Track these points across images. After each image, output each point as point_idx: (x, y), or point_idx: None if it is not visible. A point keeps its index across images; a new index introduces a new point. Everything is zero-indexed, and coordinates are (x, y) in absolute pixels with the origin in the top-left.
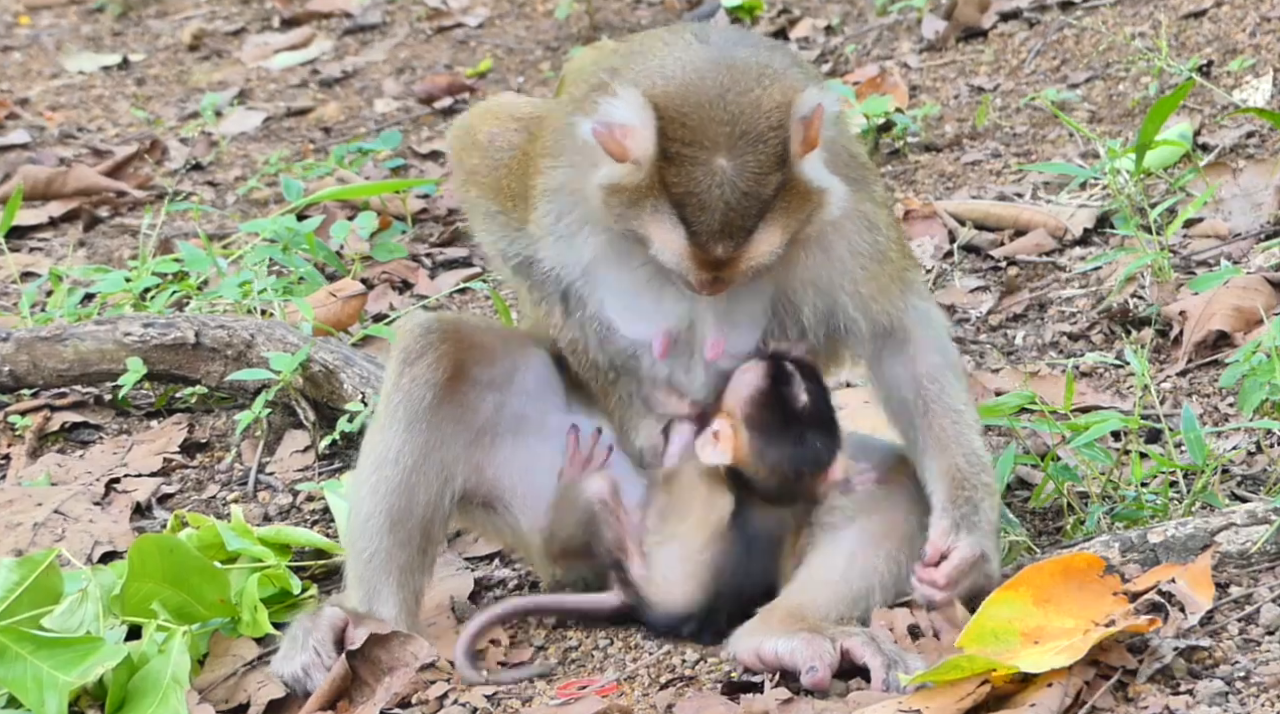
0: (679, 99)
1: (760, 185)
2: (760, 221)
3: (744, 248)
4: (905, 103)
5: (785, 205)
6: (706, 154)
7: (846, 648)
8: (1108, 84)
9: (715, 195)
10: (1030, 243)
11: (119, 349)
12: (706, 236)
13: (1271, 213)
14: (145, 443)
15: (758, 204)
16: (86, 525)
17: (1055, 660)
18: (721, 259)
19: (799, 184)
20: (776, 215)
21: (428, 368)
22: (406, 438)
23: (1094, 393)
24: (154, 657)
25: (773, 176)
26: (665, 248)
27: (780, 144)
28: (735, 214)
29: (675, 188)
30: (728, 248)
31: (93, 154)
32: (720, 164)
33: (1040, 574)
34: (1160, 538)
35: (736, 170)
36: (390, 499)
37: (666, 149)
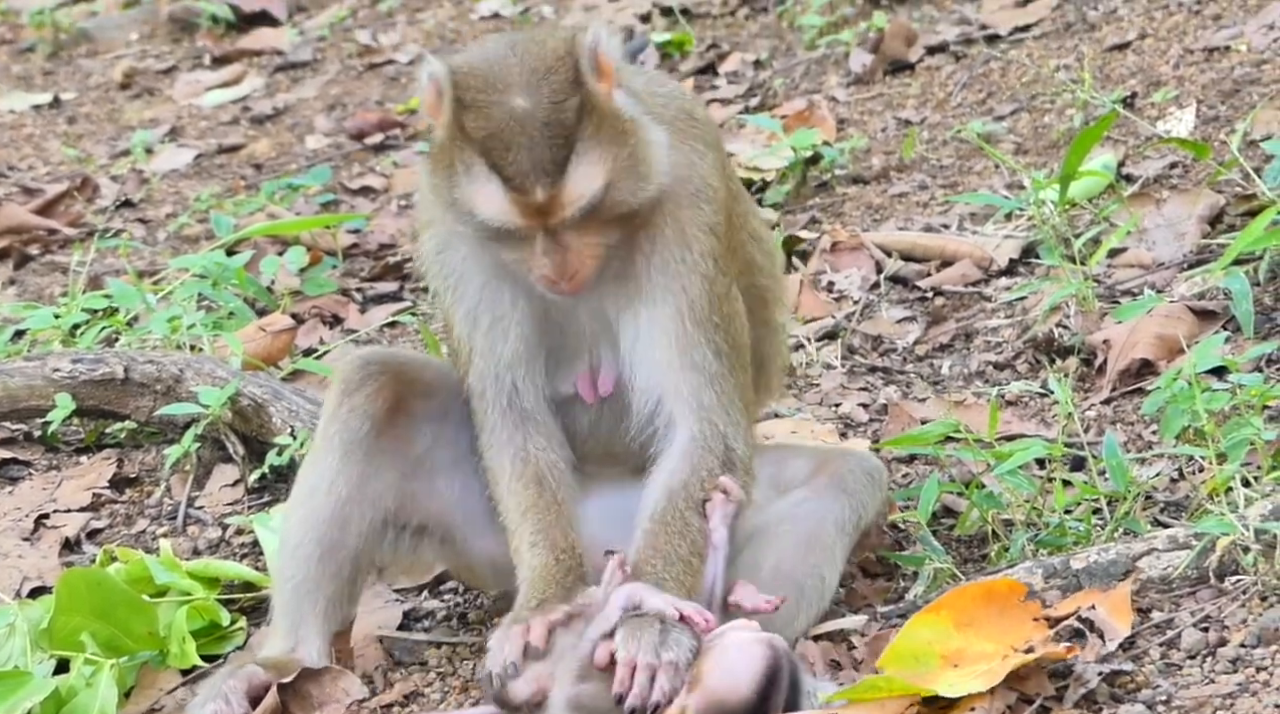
0: (471, 59)
1: (559, 112)
2: (571, 153)
3: (561, 184)
4: (833, 136)
5: (594, 134)
6: (500, 94)
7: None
8: (1033, 116)
9: (516, 130)
10: (956, 273)
11: (48, 385)
12: (520, 178)
13: (1194, 242)
14: (74, 478)
15: (562, 132)
16: (15, 561)
17: (973, 685)
18: (543, 203)
19: (603, 110)
20: (588, 146)
21: (366, 399)
22: (340, 468)
23: (1019, 421)
24: (82, 690)
25: (570, 101)
26: (485, 203)
27: (571, 70)
28: (541, 147)
29: (476, 133)
30: (545, 186)
31: (23, 192)
32: (516, 102)
33: (962, 598)
34: (1083, 564)
35: (533, 103)
36: (321, 529)
37: (463, 98)
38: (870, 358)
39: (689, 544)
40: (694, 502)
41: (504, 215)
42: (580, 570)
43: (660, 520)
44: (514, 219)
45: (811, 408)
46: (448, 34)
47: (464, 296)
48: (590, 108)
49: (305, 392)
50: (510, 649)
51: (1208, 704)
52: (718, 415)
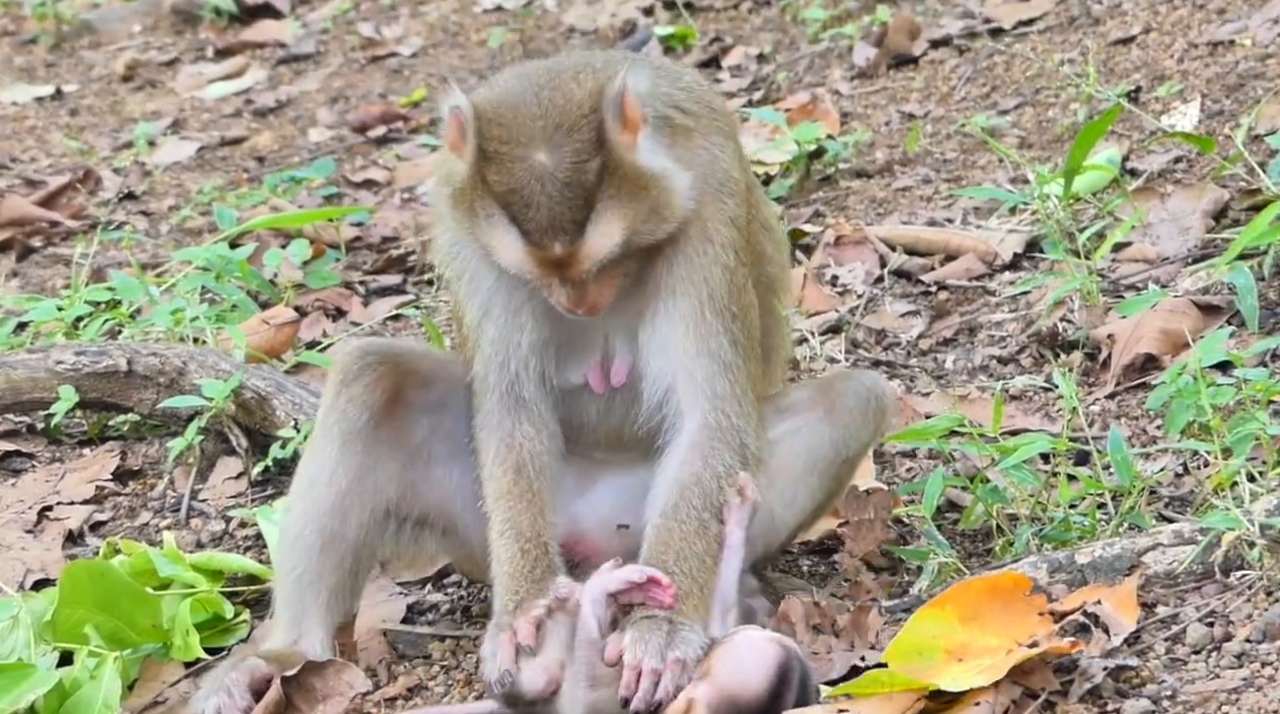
0: (496, 102)
1: (580, 173)
2: (590, 212)
3: (580, 243)
4: (837, 129)
5: (615, 193)
6: (523, 150)
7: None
8: (1037, 110)
9: (536, 189)
10: (960, 267)
11: (51, 378)
12: (539, 234)
13: (1199, 237)
14: (78, 471)
15: (582, 193)
16: (19, 553)
17: (976, 679)
18: (560, 258)
19: (626, 169)
20: (608, 204)
21: (364, 390)
22: (340, 459)
23: (1023, 416)
24: (85, 683)
25: (591, 163)
26: (504, 252)
27: (594, 130)
28: (561, 207)
29: (498, 187)
30: (563, 244)
31: (26, 184)
32: (538, 158)
33: (967, 592)
34: (1088, 558)
35: (554, 162)
36: (321, 520)
37: (485, 148)
38: (874, 352)
39: (703, 541)
40: (707, 496)
41: (522, 266)
42: (548, 560)
43: (672, 516)
44: (532, 270)
45: None
46: (450, 27)
47: (477, 290)
48: (613, 167)
49: (308, 384)
50: (503, 657)
51: (1213, 699)
52: (730, 406)
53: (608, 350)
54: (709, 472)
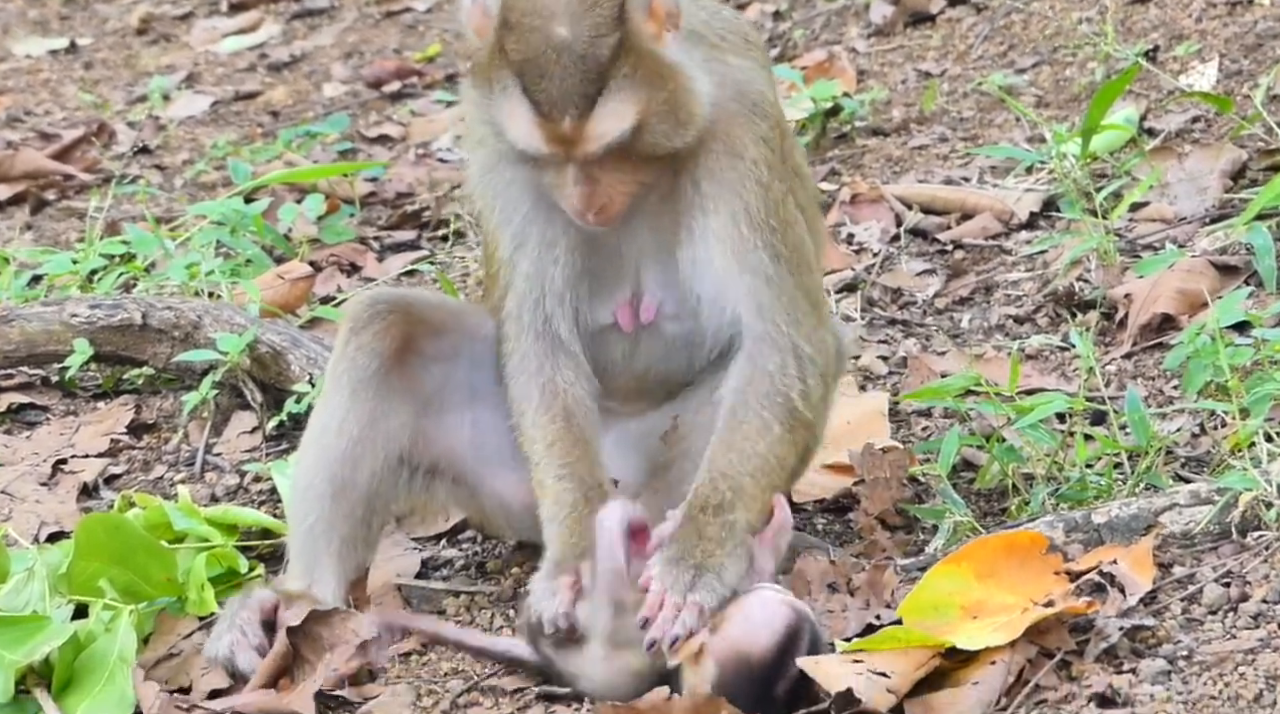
0: None
1: (594, 48)
2: (602, 89)
3: (589, 118)
4: (853, 87)
5: (630, 74)
6: (543, 21)
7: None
8: (1054, 69)
9: (550, 59)
10: (977, 226)
11: (66, 330)
12: (549, 106)
13: (1217, 196)
14: (92, 424)
15: (595, 68)
16: (33, 505)
17: (992, 638)
18: (568, 134)
19: (644, 53)
20: (622, 84)
21: (374, 337)
22: (350, 407)
23: (1039, 375)
24: (100, 635)
25: (608, 39)
26: (515, 126)
27: (616, 8)
28: (573, 79)
29: (514, 55)
30: (572, 117)
31: (40, 137)
32: (556, 29)
33: (983, 549)
34: (1104, 518)
35: (571, 34)
36: (332, 468)
37: (508, 18)
38: (890, 310)
39: (765, 441)
40: (763, 395)
41: (531, 140)
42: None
43: (732, 415)
44: (540, 145)
45: None
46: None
47: (511, 218)
48: (629, 47)
49: (323, 339)
50: (562, 600)
51: (1229, 660)
52: (780, 316)
53: (638, 286)
54: (760, 371)
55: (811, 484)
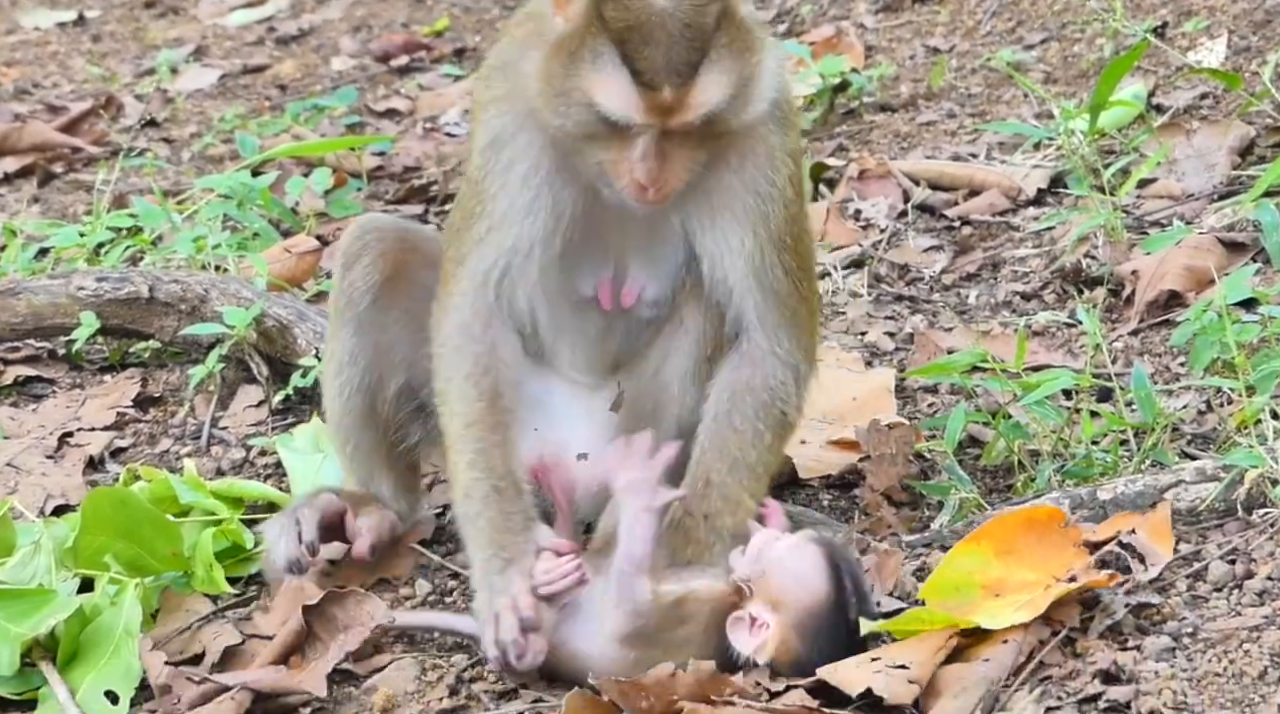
0: None
1: (700, 15)
2: (704, 57)
3: (691, 86)
4: (861, 63)
5: (728, 44)
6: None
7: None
8: (1063, 45)
9: (656, 24)
10: (984, 203)
11: (72, 303)
12: (651, 73)
13: (1224, 173)
14: (98, 397)
15: (700, 36)
16: (39, 479)
17: (1015, 616)
18: (669, 102)
19: (740, 25)
20: (722, 54)
21: (364, 271)
22: (356, 340)
23: (1046, 352)
24: (106, 609)
25: (712, 5)
26: (610, 93)
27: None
28: (679, 46)
29: (616, 23)
30: (674, 84)
31: (48, 110)
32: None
33: (1002, 526)
34: (1110, 495)
35: (674, 2)
36: (356, 398)
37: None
38: (897, 286)
39: (756, 450)
40: (762, 405)
41: (627, 108)
42: (524, 504)
43: (726, 422)
44: (636, 114)
45: (838, 336)
46: None
47: (512, 184)
48: (728, 17)
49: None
50: (506, 629)
51: (1234, 637)
52: (784, 332)
53: (622, 269)
54: (761, 381)
55: (818, 460)
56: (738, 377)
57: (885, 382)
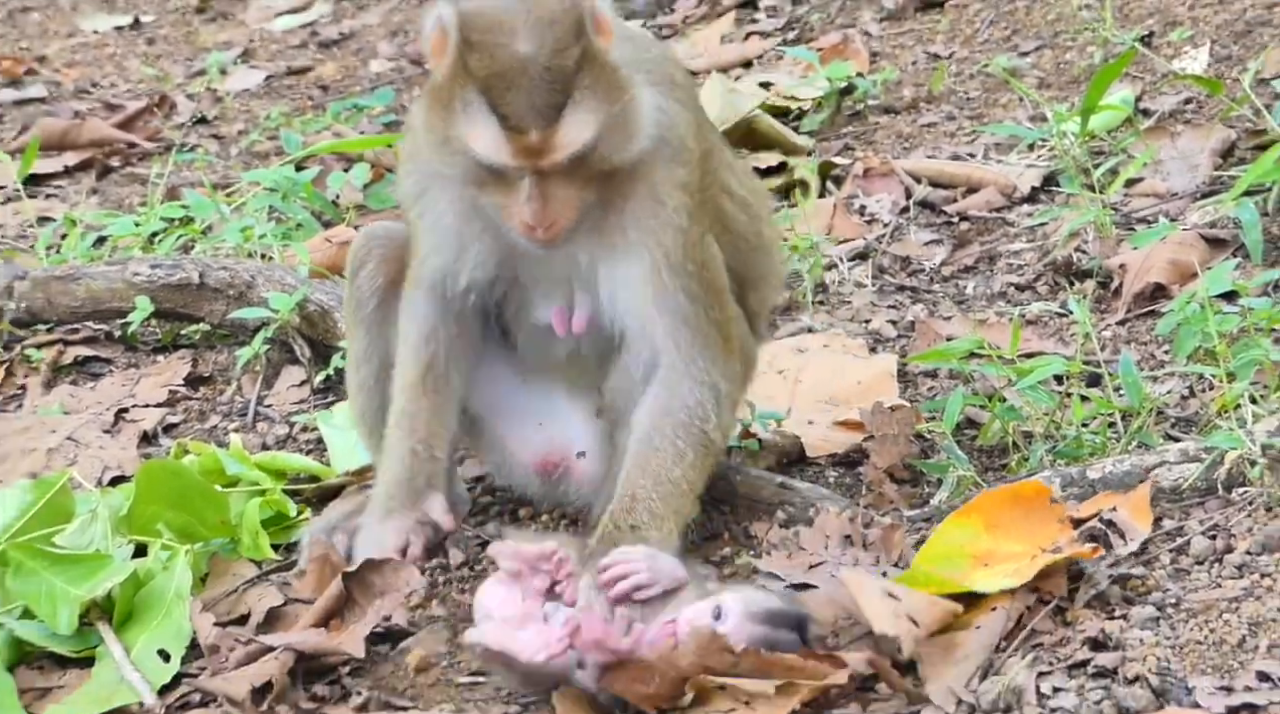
0: (480, 5)
1: (561, 59)
2: (568, 99)
3: (556, 128)
4: (866, 68)
5: (591, 85)
6: (506, 38)
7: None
8: (1056, 53)
9: (518, 72)
10: (981, 199)
11: (128, 288)
12: (517, 118)
13: (1207, 173)
14: (152, 376)
15: (562, 78)
16: (97, 451)
17: (1005, 582)
18: (536, 144)
19: (602, 64)
20: (585, 95)
21: (368, 277)
22: (368, 339)
23: (1039, 340)
24: (159, 573)
25: (572, 50)
26: (481, 139)
27: (575, 22)
28: (541, 90)
29: (480, 71)
30: (540, 128)
31: (105, 108)
32: (520, 45)
33: (991, 501)
34: (1099, 474)
35: (535, 48)
36: (375, 393)
37: (469, 38)
38: (899, 277)
39: (680, 468)
40: (679, 426)
41: (498, 153)
42: (431, 470)
43: (647, 442)
44: (507, 158)
45: (843, 323)
46: None
47: (435, 230)
48: (590, 59)
49: None
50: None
51: (1214, 607)
52: (697, 351)
53: (570, 298)
54: (679, 403)
55: (825, 440)
56: (656, 401)
57: (888, 367)
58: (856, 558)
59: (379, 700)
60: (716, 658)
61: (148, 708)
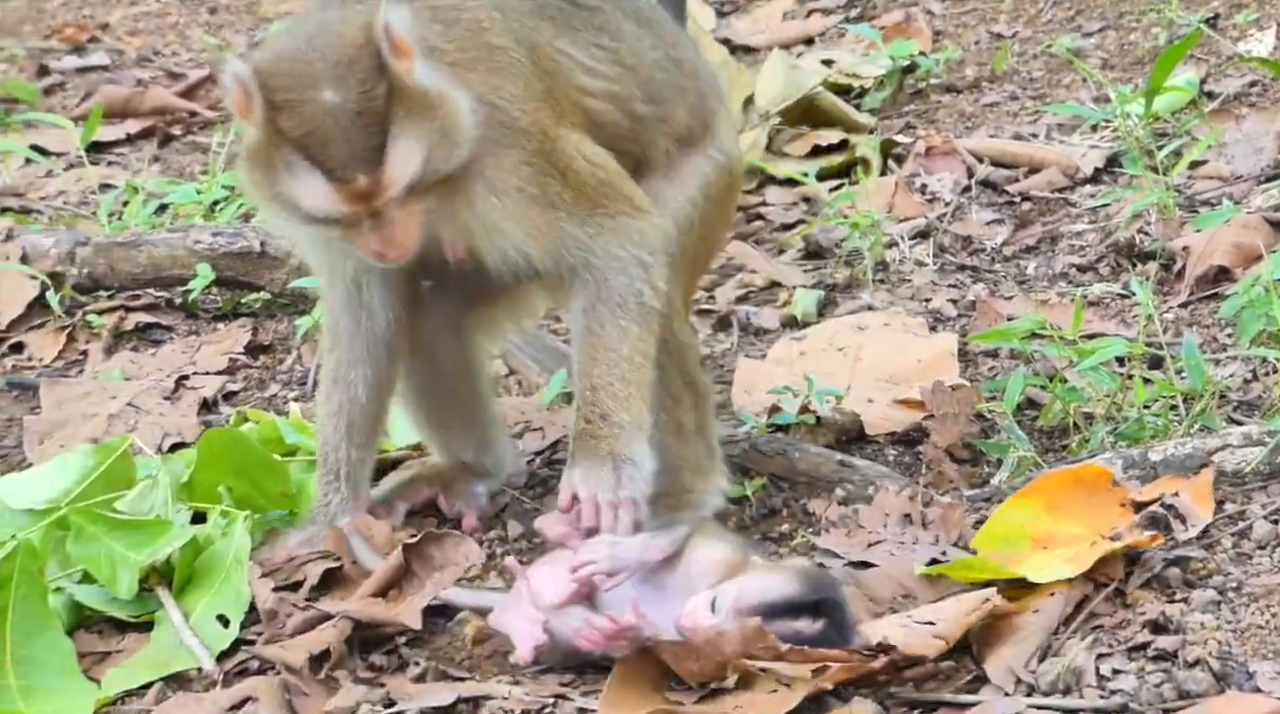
0: (273, 58)
1: (369, 100)
2: (386, 138)
3: (382, 169)
4: (929, 47)
5: (406, 116)
6: (310, 92)
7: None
8: (1120, 34)
9: (329, 124)
10: (1043, 180)
11: (189, 256)
12: (341, 169)
13: (1272, 157)
14: (213, 344)
15: (375, 120)
16: (157, 418)
17: (1061, 571)
18: (366, 188)
19: (411, 91)
20: (402, 128)
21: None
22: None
23: (1100, 321)
24: (218, 539)
25: (377, 90)
26: (310, 197)
27: (373, 58)
28: (357, 138)
29: (292, 132)
30: (366, 173)
31: (168, 76)
32: (325, 96)
33: (1051, 483)
34: (1160, 456)
35: (342, 96)
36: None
37: (273, 99)
38: (960, 257)
39: (628, 345)
40: (616, 306)
41: (330, 205)
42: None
43: (589, 333)
44: (340, 208)
45: (904, 302)
46: None
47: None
48: (399, 92)
49: None
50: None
51: (1276, 591)
52: (607, 243)
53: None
54: (606, 290)
55: (885, 418)
56: (586, 297)
57: (948, 346)
58: (916, 536)
59: (436, 671)
60: (760, 649)
61: (206, 673)
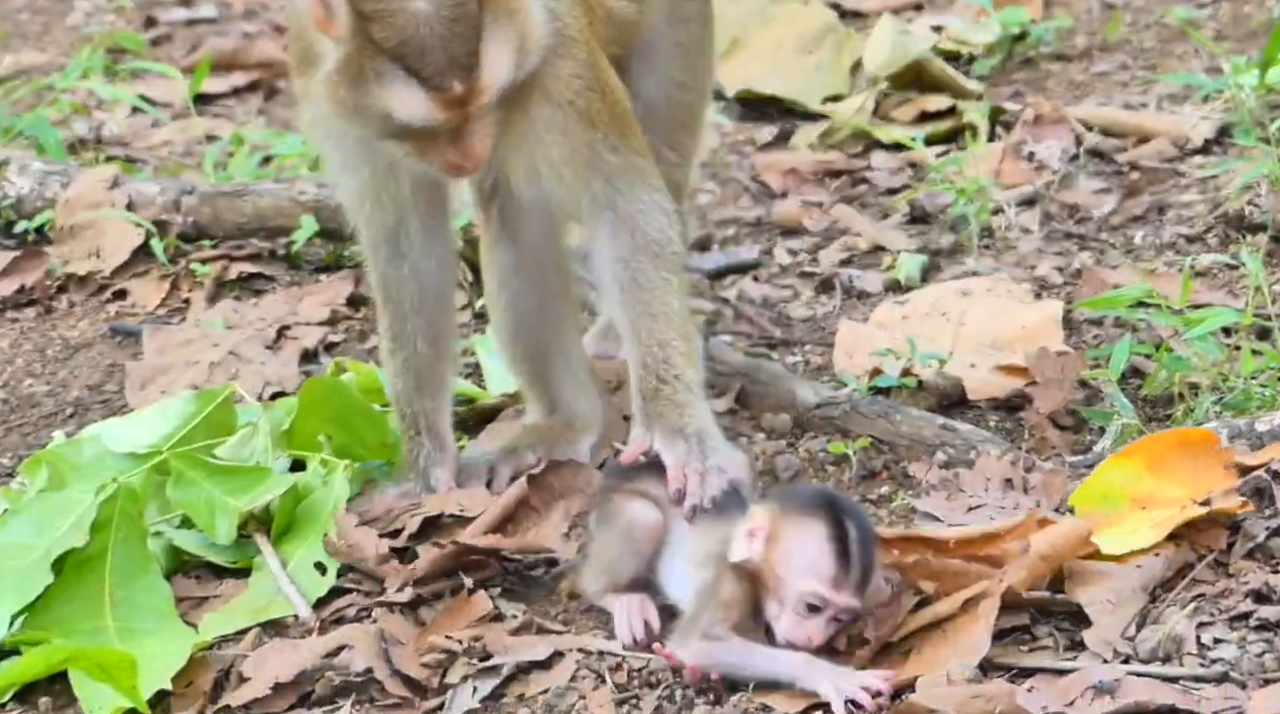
0: None
1: (461, 6)
2: (480, 44)
3: (478, 74)
4: (1040, 15)
5: (494, 20)
6: (399, 1)
7: None
8: (1234, 5)
9: (425, 31)
10: (1153, 149)
11: (293, 207)
12: (439, 77)
13: None
14: (314, 295)
15: (470, 25)
16: (258, 367)
17: (1135, 541)
18: (462, 95)
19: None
20: (493, 32)
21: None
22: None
23: (1208, 291)
24: (317, 488)
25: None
26: (406, 106)
27: None
28: (455, 42)
29: (387, 42)
30: (463, 79)
31: (274, 30)
32: (417, 4)
33: (1155, 444)
34: (1267, 426)
35: (434, 3)
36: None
37: (362, 9)
38: (1066, 225)
39: (676, 299)
40: (655, 258)
41: (425, 114)
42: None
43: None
44: (436, 115)
45: (1009, 268)
46: None
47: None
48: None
49: None
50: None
51: None
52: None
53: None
54: (644, 239)
55: (987, 383)
56: (624, 245)
57: (1053, 313)
58: (1017, 501)
59: (534, 624)
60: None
61: (302, 620)
